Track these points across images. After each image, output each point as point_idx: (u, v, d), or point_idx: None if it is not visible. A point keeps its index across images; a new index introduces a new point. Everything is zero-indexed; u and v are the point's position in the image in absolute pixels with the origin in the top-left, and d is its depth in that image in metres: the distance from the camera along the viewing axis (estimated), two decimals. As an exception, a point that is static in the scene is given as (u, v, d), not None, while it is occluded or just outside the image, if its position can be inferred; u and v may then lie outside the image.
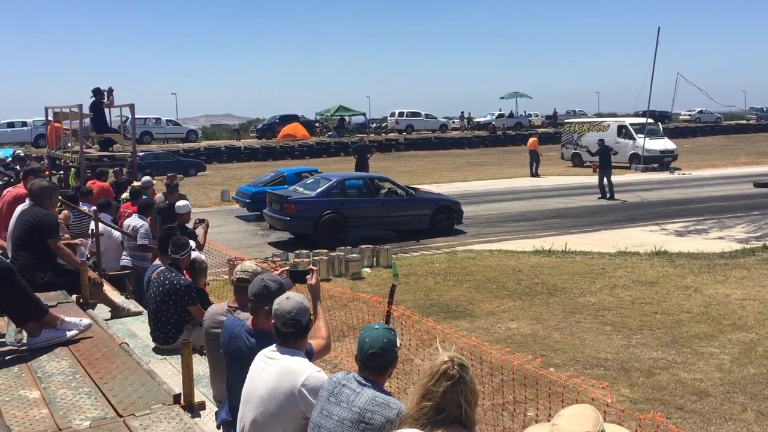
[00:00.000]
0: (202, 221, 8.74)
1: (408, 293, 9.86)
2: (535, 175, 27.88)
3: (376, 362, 2.82)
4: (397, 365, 6.54)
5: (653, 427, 4.18)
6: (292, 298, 3.16)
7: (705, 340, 7.63)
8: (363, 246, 12.33)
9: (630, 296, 9.47)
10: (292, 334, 3.12)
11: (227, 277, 10.30)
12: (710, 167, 31.11)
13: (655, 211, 18.27)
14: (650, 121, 31.43)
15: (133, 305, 7.18)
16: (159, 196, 10.04)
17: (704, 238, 14.28)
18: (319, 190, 14.67)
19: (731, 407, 5.90)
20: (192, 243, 6.74)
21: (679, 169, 29.61)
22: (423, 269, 11.47)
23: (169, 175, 11.68)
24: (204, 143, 43.25)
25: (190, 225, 8.58)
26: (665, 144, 30.71)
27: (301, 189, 15.28)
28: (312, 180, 15.96)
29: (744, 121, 62.60)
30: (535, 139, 29.79)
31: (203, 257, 7.18)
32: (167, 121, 44.06)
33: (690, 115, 61.77)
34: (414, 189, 16.30)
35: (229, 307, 4.42)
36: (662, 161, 29.79)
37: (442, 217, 15.53)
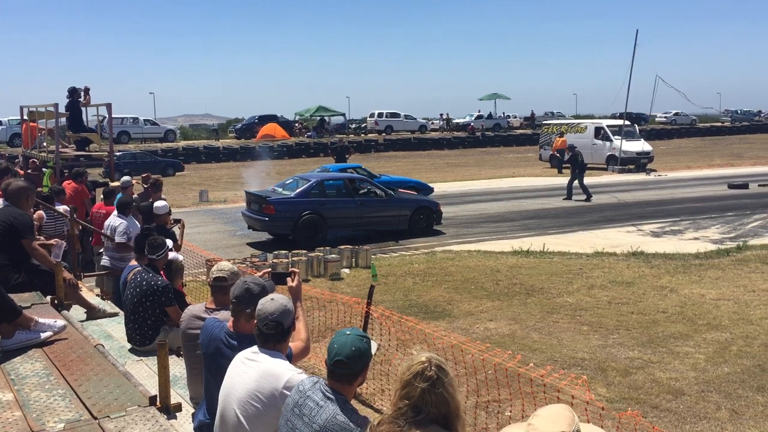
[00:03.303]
0: (178, 221, 8.69)
1: (387, 294, 9.86)
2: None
3: (341, 370, 2.73)
4: (376, 366, 6.54)
5: (630, 425, 4.23)
6: (276, 300, 3.14)
7: (680, 339, 7.72)
8: (342, 247, 12.32)
9: (607, 296, 9.55)
10: (273, 335, 3.10)
11: (205, 277, 10.22)
12: (686, 169, 31.49)
13: (632, 212, 18.45)
14: (627, 123, 31.76)
15: (109, 306, 7.11)
16: (136, 196, 9.94)
17: (680, 239, 14.45)
18: (298, 190, 14.62)
19: (706, 406, 5.98)
20: (169, 243, 6.69)
21: (655, 170, 29.94)
22: (402, 270, 11.47)
23: (143, 175, 11.55)
24: (182, 143, 42.95)
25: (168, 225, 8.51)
26: (642, 146, 31.04)
27: (280, 189, 15.24)
28: (291, 180, 15.93)
29: (719, 124, 63.47)
30: (564, 139, 29.87)
31: (180, 258, 7.13)
32: (145, 120, 43.67)
33: (666, 117, 62.51)
34: (393, 189, 16.30)
35: (206, 308, 4.40)
36: (639, 163, 30.11)
37: (422, 218, 15.55)
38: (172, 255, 6.58)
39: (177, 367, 5.22)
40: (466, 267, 11.55)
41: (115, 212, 8.47)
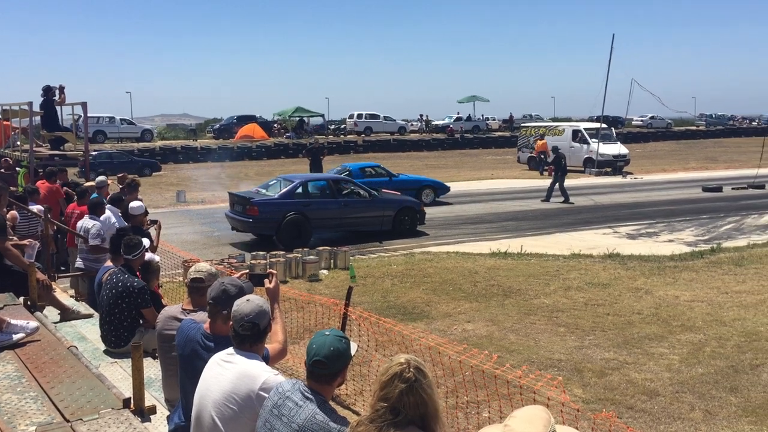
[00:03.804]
0: (154, 222, 8.60)
1: (365, 295, 9.85)
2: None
3: (320, 371, 2.73)
4: (355, 367, 6.53)
5: (605, 426, 4.26)
6: (252, 301, 3.12)
7: (655, 340, 7.80)
8: (320, 248, 12.29)
9: (583, 298, 9.63)
10: (249, 336, 3.08)
11: (182, 278, 10.14)
12: (661, 172, 31.86)
13: (608, 214, 18.62)
14: (604, 126, 32.07)
15: (83, 308, 7.02)
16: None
17: (655, 241, 14.61)
18: (282, 191, 14.61)
19: (680, 406, 6.04)
20: (146, 243, 6.62)
21: (631, 173, 30.26)
22: (380, 271, 11.47)
23: (119, 175, 11.44)
24: (159, 143, 42.57)
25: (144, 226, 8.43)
26: (618, 149, 31.34)
27: (263, 190, 15.19)
28: (274, 181, 15.90)
29: (694, 127, 64.29)
30: (545, 141, 30.12)
31: (157, 258, 7.06)
32: (121, 120, 43.24)
33: (642, 120, 63.18)
34: (376, 190, 16.29)
35: (183, 309, 4.35)
36: (615, 165, 30.41)
37: (405, 219, 15.59)
38: (148, 256, 6.51)
39: (153, 369, 5.17)
40: (445, 268, 11.57)
41: (87, 214, 8.38)
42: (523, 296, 9.81)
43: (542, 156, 29.45)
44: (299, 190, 14.75)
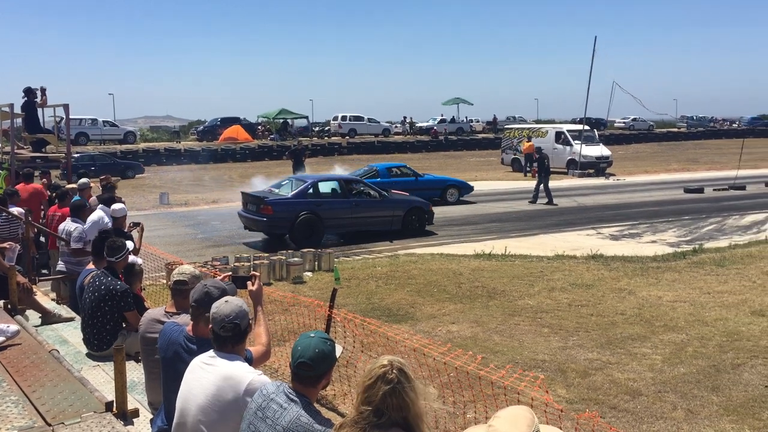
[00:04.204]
0: (137, 225, 8.54)
1: (350, 297, 9.84)
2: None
3: (305, 373, 2.73)
4: (340, 369, 6.52)
5: (588, 426, 4.28)
6: (230, 302, 3.11)
7: (638, 341, 7.85)
8: (304, 250, 12.27)
9: (567, 299, 9.67)
10: (230, 338, 3.07)
11: (165, 281, 10.08)
12: (643, 173, 32.11)
13: (592, 215, 18.73)
14: (587, 128, 32.27)
15: (65, 311, 6.97)
16: (93, 199, 9.75)
17: (638, 242, 14.71)
18: (295, 191, 14.81)
19: (662, 406, 6.09)
20: (129, 245, 6.58)
21: (613, 174, 30.47)
22: (365, 273, 11.46)
23: (102, 177, 11.35)
24: (142, 145, 42.34)
25: (125, 228, 8.37)
26: (601, 150, 31.55)
27: (276, 190, 15.41)
28: (286, 181, 16.11)
29: (675, 129, 64.92)
30: (531, 143, 30.17)
31: (140, 261, 7.01)
32: (104, 122, 42.93)
33: (624, 122, 63.69)
34: (386, 190, 16.52)
35: (166, 311, 4.33)
36: (598, 167, 30.60)
37: (414, 219, 15.82)
38: (131, 259, 6.47)
39: (135, 372, 5.14)
40: (429, 270, 11.59)
41: (70, 216, 8.31)
42: (507, 297, 9.84)
43: (530, 158, 29.53)
44: (312, 190, 14.96)
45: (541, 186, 21.21)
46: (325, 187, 15.44)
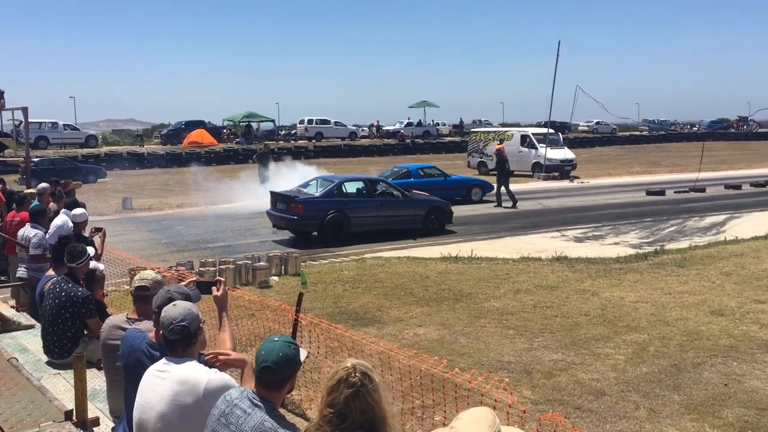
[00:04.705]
0: (99, 230, 8.40)
1: (316, 301, 9.81)
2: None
3: (269, 377, 2.70)
4: (306, 374, 6.49)
5: (552, 426, 4.33)
6: (179, 305, 3.09)
7: (601, 341, 7.96)
8: (271, 254, 12.19)
9: (532, 300, 9.77)
10: (179, 341, 3.04)
11: (128, 287, 9.93)
12: (607, 176, 32.59)
13: (556, 218, 18.96)
14: (551, 131, 32.66)
15: (24, 318, 6.82)
16: (52, 204, 9.56)
17: (601, 244, 14.92)
18: (324, 190, 15.49)
19: (625, 405, 6.18)
20: (91, 251, 6.47)
21: (578, 177, 30.89)
22: (331, 277, 11.44)
23: (62, 181, 11.12)
24: (105, 149, 41.73)
25: (86, 233, 8.24)
26: (565, 153, 31.97)
27: (304, 189, 16.03)
28: (315, 181, 16.68)
29: (637, 133, 66.00)
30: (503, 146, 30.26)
31: (101, 267, 6.90)
32: (65, 125, 42.16)
33: (588, 125, 64.60)
34: (408, 190, 17.11)
35: (128, 318, 4.27)
36: (562, 170, 30.99)
37: (433, 218, 16.42)
38: (93, 264, 6.37)
39: (97, 380, 5.05)
40: (396, 273, 11.61)
41: (29, 222, 8.14)
42: (473, 300, 9.90)
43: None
44: (339, 189, 15.65)
45: (503, 189, 21.40)
46: (351, 187, 16.16)
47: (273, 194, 16.11)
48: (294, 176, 24.45)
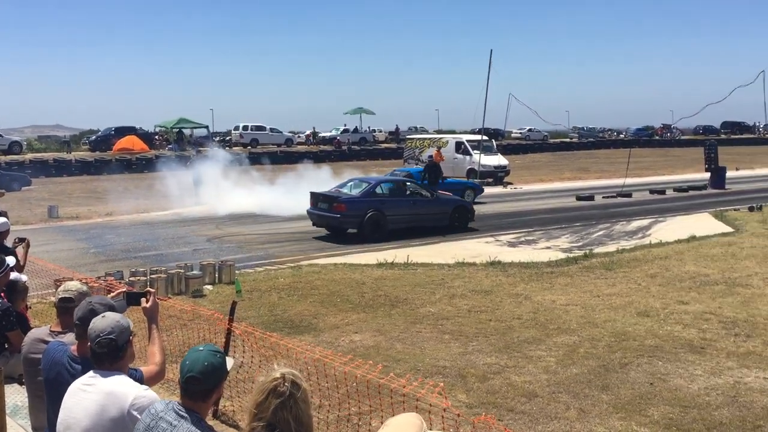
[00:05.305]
0: (22, 240, 8.09)
1: (251, 309, 9.68)
2: None
3: (194, 387, 2.65)
4: (239, 384, 6.38)
5: (486, 429, 4.38)
6: (107, 317, 3.00)
7: (534, 344, 8.12)
8: (204, 262, 11.97)
9: (467, 305, 9.89)
10: (106, 354, 2.95)
11: (54, 299, 9.57)
12: (539, 182, 33.34)
13: (490, 223, 19.25)
14: (485, 138, 33.19)
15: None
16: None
17: (534, 248, 15.24)
18: (363, 191, 16.84)
19: (556, 406, 6.31)
20: (11, 260, 6.22)
21: (511, 183, 31.50)
22: (267, 285, 11.32)
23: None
24: (29, 156, 40.25)
25: (9, 243, 7.91)
26: (499, 160, 32.54)
27: (344, 190, 17.23)
28: (351, 182, 17.99)
29: (568, 140, 67.81)
30: (439, 152, 30.40)
31: (24, 278, 6.64)
32: (-14, 131, 40.49)
33: (521, 132, 66.01)
34: (435, 191, 18.67)
35: (51, 331, 4.12)
36: (496, 176, 31.54)
37: (458, 216, 17.81)
38: (14, 275, 6.12)
39: (19, 395, 4.86)
40: (332, 280, 11.57)
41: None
42: (409, 305, 9.96)
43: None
44: (376, 190, 17.07)
45: None
46: (386, 188, 17.55)
47: (314, 194, 17.21)
48: (227, 182, 24.26)
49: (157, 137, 47.31)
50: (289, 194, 22.19)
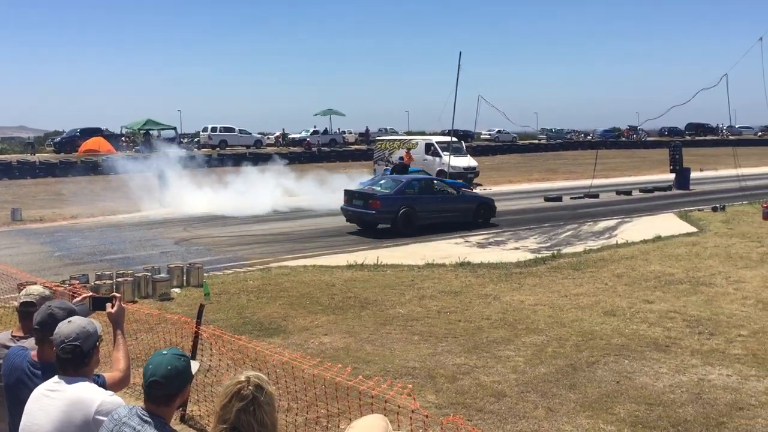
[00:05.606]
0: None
1: (220, 312, 9.60)
2: None
3: (158, 392, 2.62)
4: (207, 388, 6.33)
5: (454, 429, 4.39)
6: (73, 322, 2.94)
7: (502, 344, 8.18)
8: (172, 265, 11.84)
9: (437, 306, 9.92)
10: (71, 360, 2.89)
11: (16, 303, 9.38)
12: (507, 183, 33.62)
13: (460, 224, 19.32)
14: (455, 139, 33.32)
15: None
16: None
17: (502, 249, 15.35)
18: (396, 188, 17.84)
19: (525, 406, 6.37)
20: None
21: (480, 184, 31.66)
22: (236, 287, 11.23)
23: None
24: (-8, 157, 39.36)
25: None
26: (468, 161, 32.68)
27: (377, 188, 18.18)
28: (383, 180, 19.12)
29: (536, 141, 68.45)
30: (409, 153, 30.43)
31: (-15, 283, 6.49)
32: (-53, 132, 39.58)
33: (490, 134, 66.47)
34: (460, 189, 19.98)
35: (12, 335, 4.03)
36: (466, 177, 31.67)
37: (482, 212, 19.00)
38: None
39: (-21, 403, 4.74)
40: (302, 282, 11.53)
41: None
42: (379, 307, 9.96)
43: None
44: (408, 187, 18.04)
45: None
46: (416, 185, 18.44)
47: (348, 192, 18.35)
48: (192, 184, 24.07)
49: (123, 139, 46.67)
50: (257, 195, 22.15)
